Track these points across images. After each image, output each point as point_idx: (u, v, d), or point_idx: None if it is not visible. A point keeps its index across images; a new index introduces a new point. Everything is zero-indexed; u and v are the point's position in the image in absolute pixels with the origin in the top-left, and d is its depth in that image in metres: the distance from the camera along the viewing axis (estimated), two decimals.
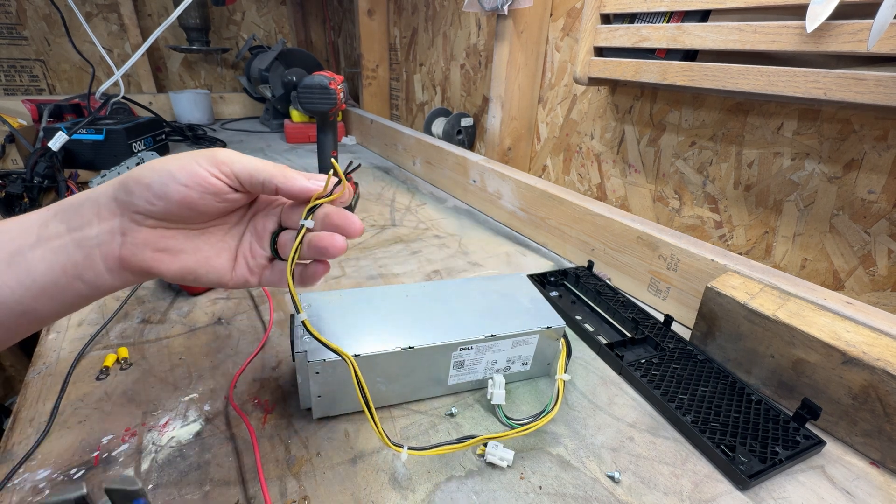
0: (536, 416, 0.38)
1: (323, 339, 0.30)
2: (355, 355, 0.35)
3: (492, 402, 0.39)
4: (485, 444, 0.36)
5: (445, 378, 0.40)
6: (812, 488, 0.35)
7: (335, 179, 0.29)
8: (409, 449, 0.32)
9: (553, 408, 0.38)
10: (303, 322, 0.30)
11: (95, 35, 1.17)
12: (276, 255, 0.31)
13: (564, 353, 0.42)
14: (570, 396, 0.43)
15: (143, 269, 0.27)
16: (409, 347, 0.37)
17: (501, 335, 0.40)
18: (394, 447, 0.32)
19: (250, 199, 0.31)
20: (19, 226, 0.26)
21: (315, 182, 0.29)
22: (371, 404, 0.31)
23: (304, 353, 0.34)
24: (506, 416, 0.39)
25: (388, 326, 0.39)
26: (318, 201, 0.29)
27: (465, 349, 0.39)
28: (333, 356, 0.35)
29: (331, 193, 0.29)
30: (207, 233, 0.30)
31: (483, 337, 0.39)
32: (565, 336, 0.43)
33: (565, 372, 0.41)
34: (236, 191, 0.28)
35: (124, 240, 0.26)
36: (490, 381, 0.40)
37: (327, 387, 0.36)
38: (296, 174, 0.28)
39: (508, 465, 0.35)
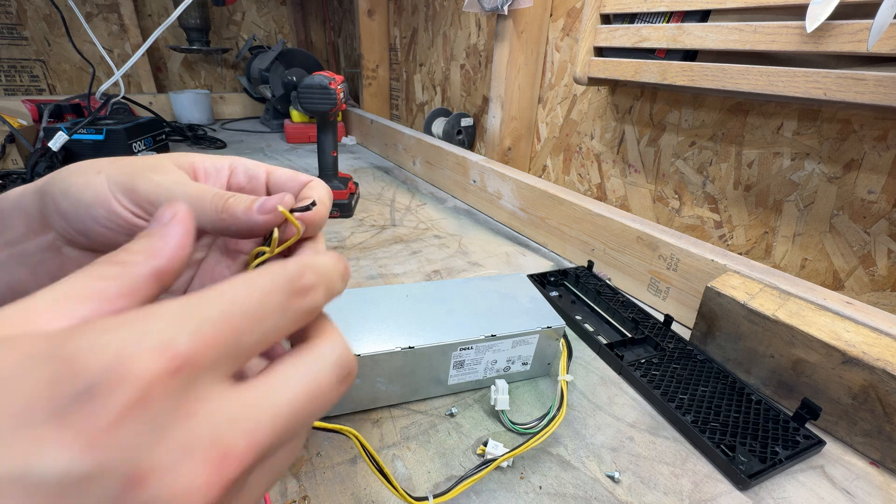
0: (541, 419, 0.38)
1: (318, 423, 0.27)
2: (356, 355, 0.35)
3: (496, 408, 0.39)
4: (485, 444, 0.36)
5: (445, 378, 0.40)
6: (812, 488, 0.35)
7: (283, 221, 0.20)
8: (434, 497, 0.30)
9: (559, 411, 0.38)
10: None
11: (95, 35, 1.18)
12: None
13: (565, 354, 0.42)
14: (570, 396, 0.43)
15: None
16: (410, 347, 0.37)
17: (501, 335, 0.40)
18: (416, 503, 0.30)
19: None
20: None
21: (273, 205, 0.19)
22: (387, 471, 0.29)
23: None
24: (511, 421, 0.39)
25: (388, 326, 0.39)
26: (263, 257, 0.20)
27: (465, 349, 0.39)
28: None
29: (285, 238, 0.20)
30: None
31: (483, 337, 0.39)
32: (565, 336, 0.43)
33: (567, 372, 0.41)
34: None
35: (63, 259, 0.21)
36: (493, 387, 0.40)
37: None
38: (238, 203, 0.19)
39: (509, 465, 0.35)
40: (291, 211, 0.19)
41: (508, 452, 0.34)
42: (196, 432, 0.11)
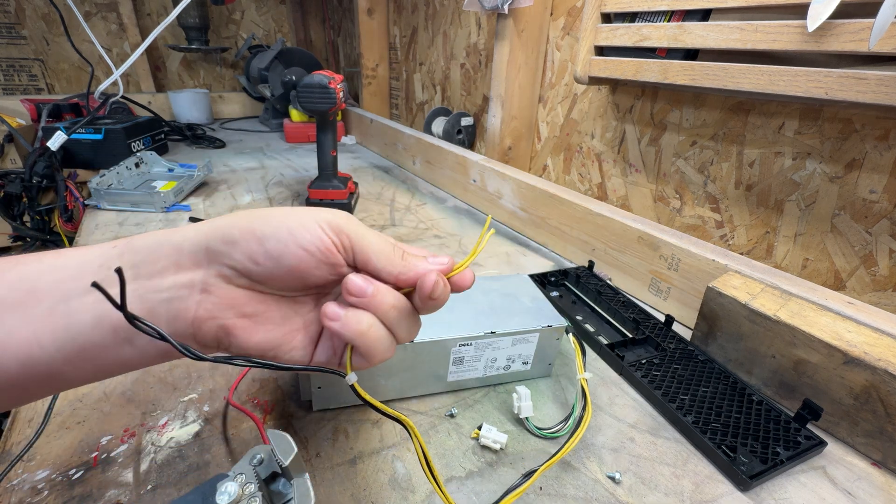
0: (565, 421, 0.38)
1: (377, 403, 0.26)
2: None
3: (520, 416, 0.38)
4: (479, 428, 0.37)
5: (445, 374, 0.40)
6: (813, 489, 0.35)
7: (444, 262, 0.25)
8: None
9: (584, 411, 0.37)
10: (352, 386, 0.25)
11: (94, 34, 1.17)
12: None
13: (579, 351, 0.41)
14: (570, 397, 0.43)
15: (216, 337, 0.22)
16: (409, 341, 0.37)
17: (501, 332, 0.40)
18: None
19: None
20: (78, 261, 0.21)
21: (435, 263, 0.25)
22: (437, 473, 0.27)
23: None
24: (536, 427, 0.38)
25: None
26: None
27: (464, 345, 0.39)
28: None
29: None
30: (299, 302, 0.25)
31: (482, 333, 0.39)
32: (575, 334, 0.42)
33: (585, 370, 0.40)
34: (348, 265, 0.24)
35: (204, 298, 0.21)
36: (515, 395, 0.39)
37: (327, 378, 0.36)
38: (415, 260, 0.24)
39: (501, 448, 0.36)
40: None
41: (546, 462, 0.33)
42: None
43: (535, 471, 0.32)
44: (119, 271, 0.18)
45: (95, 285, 0.18)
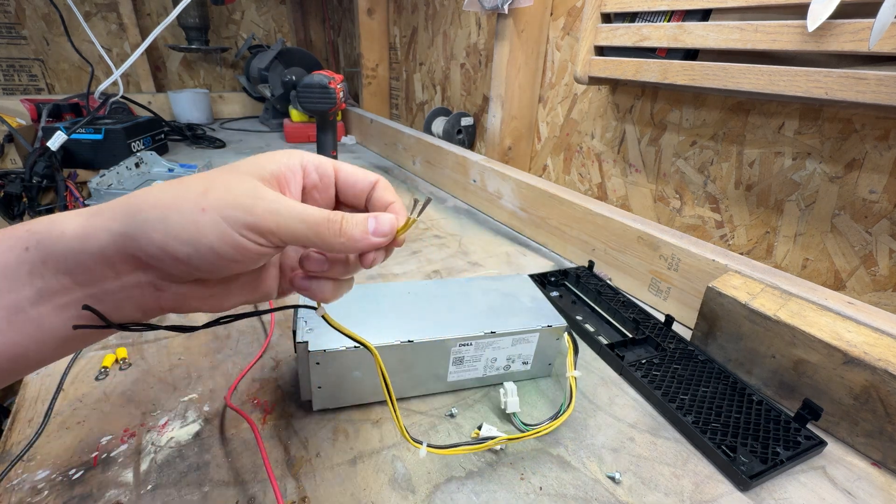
0: (553, 418, 0.38)
1: (345, 329, 0.28)
2: (354, 347, 0.35)
3: (506, 412, 0.39)
4: (479, 428, 0.36)
5: (445, 374, 0.40)
6: (813, 489, 0.35)
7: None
8: (427, 446, 0.32)
9: (568, 407, 0.38)
10: (323, 316, 0.28)
11: (94, 34, 1.17)
12: None
13: (572, 351, 0.41)
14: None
15: (193, 310, 0.24)
16: (409, 341, 0.37)
17: (501, 332, 0.40)
18: (413, 443, 0.31)
19: None
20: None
21: (381, 228, 0.23)
22: (393, 396, 0.30)
23: (306, 343, 0.35)
24: (522, 422, 0.38)
25: (388, 321, 0.39)
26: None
27: (464, 345, 0.39)
28: (334, 347, 0.35)
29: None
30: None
31: (482, 333, 0.39)
32: (571, 333, 0.42)
33: (575, 369, 0.40)
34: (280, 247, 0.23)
35: (162, 294, 0.22)
36: (502, 390, 0.39)
37: (327, 378, 0.36)
38: (353, 227, 0.22)
39: (501, 448, 0.36)
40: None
41: (505, 436, 0.34)
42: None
43: (493, 437, 0.34)
44: (89, 307, 0.20)
45: (89, 308, 0.20)
